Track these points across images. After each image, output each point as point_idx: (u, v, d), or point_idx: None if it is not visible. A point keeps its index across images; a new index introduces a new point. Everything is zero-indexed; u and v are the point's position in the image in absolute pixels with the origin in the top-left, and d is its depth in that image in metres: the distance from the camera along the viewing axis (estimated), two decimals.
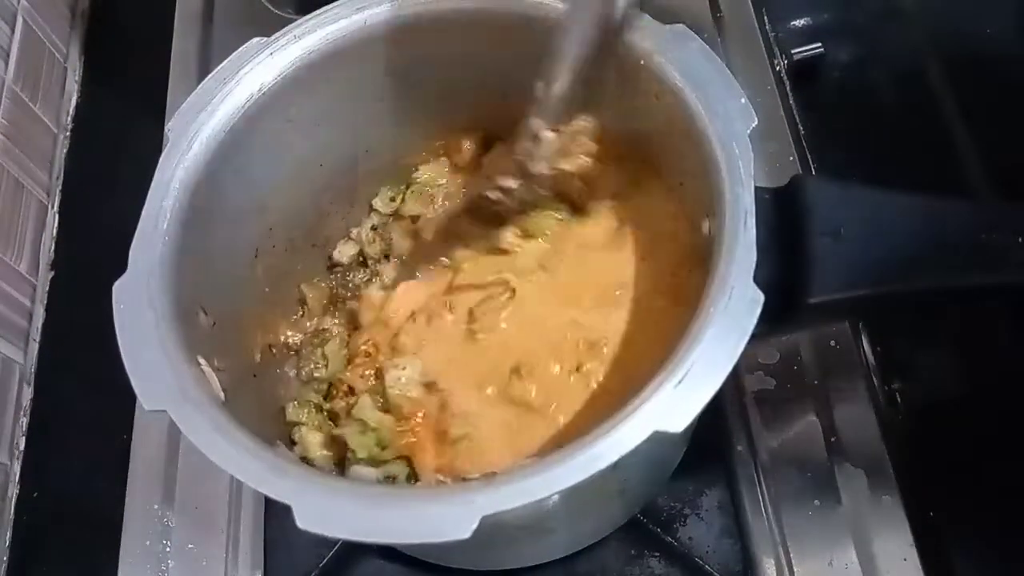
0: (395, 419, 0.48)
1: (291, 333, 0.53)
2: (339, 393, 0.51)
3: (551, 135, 0.45)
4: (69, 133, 0.75)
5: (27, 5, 0.71)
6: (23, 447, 0.63)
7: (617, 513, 0.54)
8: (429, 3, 0.47)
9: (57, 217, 0.72)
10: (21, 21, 0.70)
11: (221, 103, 0.45)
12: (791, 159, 0.66)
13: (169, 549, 0.56)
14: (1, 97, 0.66)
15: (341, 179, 0.54)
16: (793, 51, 0.70)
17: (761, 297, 0.36)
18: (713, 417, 0.57)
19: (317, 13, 0.47)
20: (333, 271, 0.56)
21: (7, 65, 0.68)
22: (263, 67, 0.46)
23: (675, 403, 0.34)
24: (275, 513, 0.57)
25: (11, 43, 0.69)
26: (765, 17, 0.73)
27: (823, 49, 0.69)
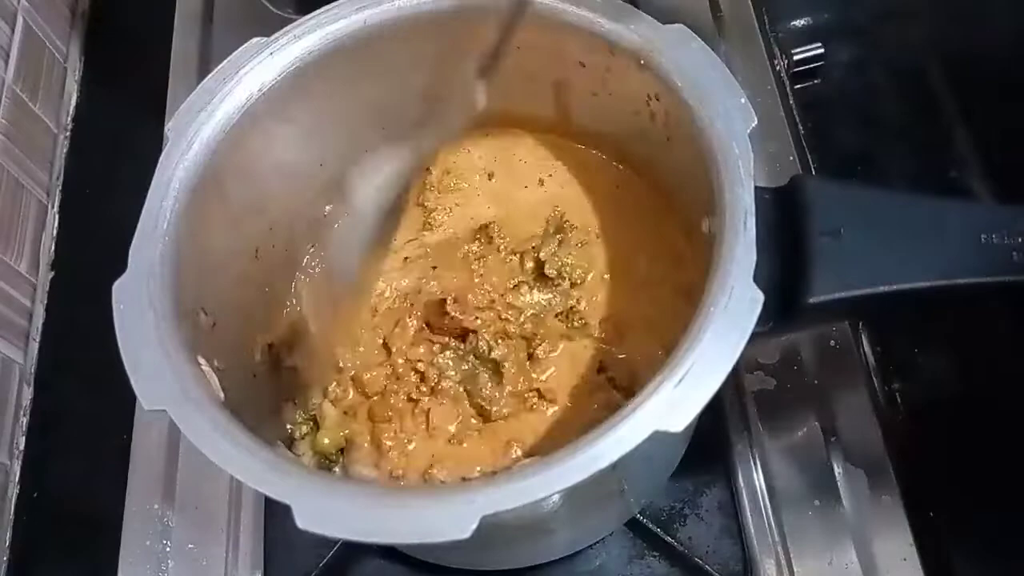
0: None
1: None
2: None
3: None
4: (69, 133, 0.75)
5: (27, 5, 0.71)
6: (23, 447, 0.63)
7: (617, 513, 0.54)
8: (429, 3, 0.47)
9: (57, 217, 0.72)
10: (21, 21, 0.70)
11: (221, 103, 0.45)
12: (791, 159, 0.66)
13: (169, 549, 0.56)
14: (1, 97, 0.66)
15: (341, 179, 0.54)
16: (793, 51, 0.70)
17: (761, 297, 0.36)
18: (713, 417, 0.57)
19: (317, 13, 0.47)
20: None
21: (7, 65, 0.68)
22: (263, 67, 0.46)
23: (675, 403, 0.34)
24: (275, 513, 0.57)
25: (11, 43, 0.68)
26: (765, 17, 0.73)
27: (823, 49, 0.69)
